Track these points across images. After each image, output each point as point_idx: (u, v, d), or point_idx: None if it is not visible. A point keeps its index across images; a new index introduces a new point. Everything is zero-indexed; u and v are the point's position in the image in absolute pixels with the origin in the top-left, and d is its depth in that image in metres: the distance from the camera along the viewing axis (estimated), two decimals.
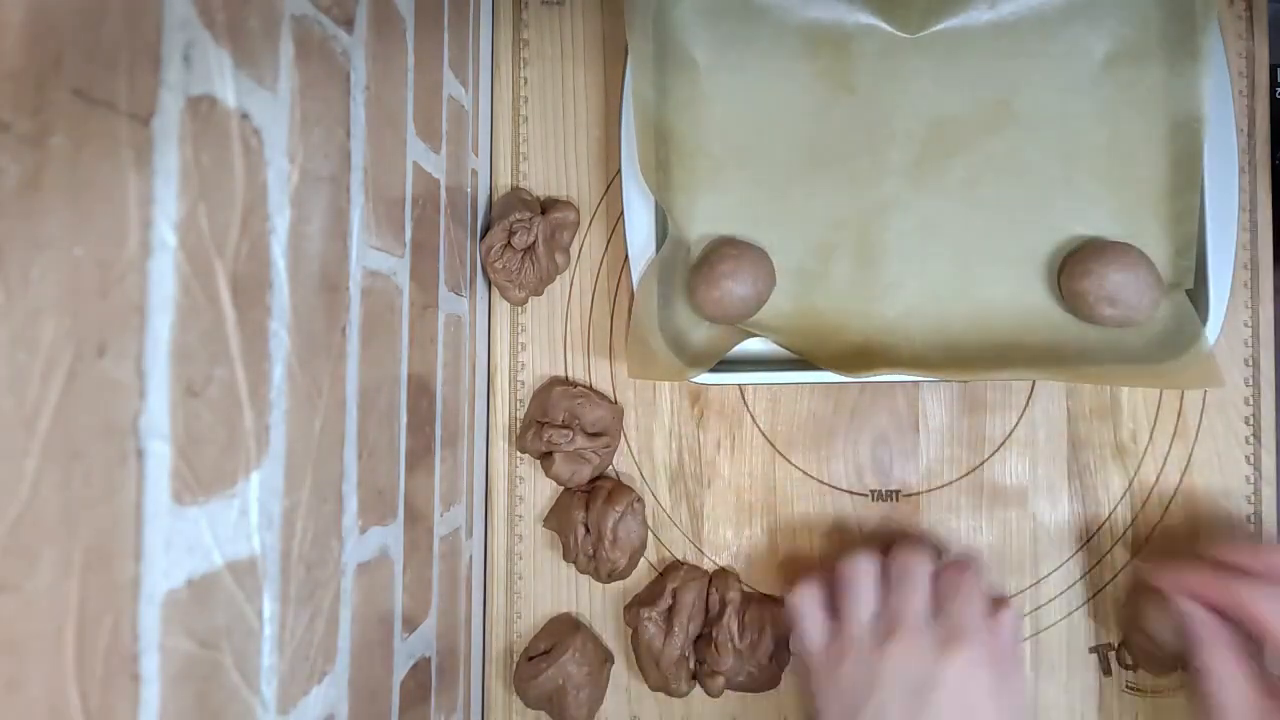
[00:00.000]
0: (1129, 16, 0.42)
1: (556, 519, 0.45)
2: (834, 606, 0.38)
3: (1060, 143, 0.42)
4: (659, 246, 0.42)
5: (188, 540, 0.19)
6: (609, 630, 0.45)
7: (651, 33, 0.42)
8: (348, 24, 0.27)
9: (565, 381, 0.46)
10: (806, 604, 0.39)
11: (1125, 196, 0.42)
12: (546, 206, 0.45)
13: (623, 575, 0.44)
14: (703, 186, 0.43)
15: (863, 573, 0.38)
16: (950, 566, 0.38)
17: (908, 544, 0.39)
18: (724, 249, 0.41)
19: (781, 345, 0.43)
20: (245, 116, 0.21)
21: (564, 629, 0.44)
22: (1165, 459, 0.44)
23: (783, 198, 0.43)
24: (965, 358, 0.41)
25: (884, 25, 0.43)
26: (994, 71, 0.43)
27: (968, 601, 0.36)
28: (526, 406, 0.46)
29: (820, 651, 0.38)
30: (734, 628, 0.42)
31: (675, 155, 0.43)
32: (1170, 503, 0.44)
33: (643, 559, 0.45)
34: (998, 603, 0.37)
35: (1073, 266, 0.41)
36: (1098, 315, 0.40)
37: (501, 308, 0.46)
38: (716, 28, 0.43)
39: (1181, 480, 0.44)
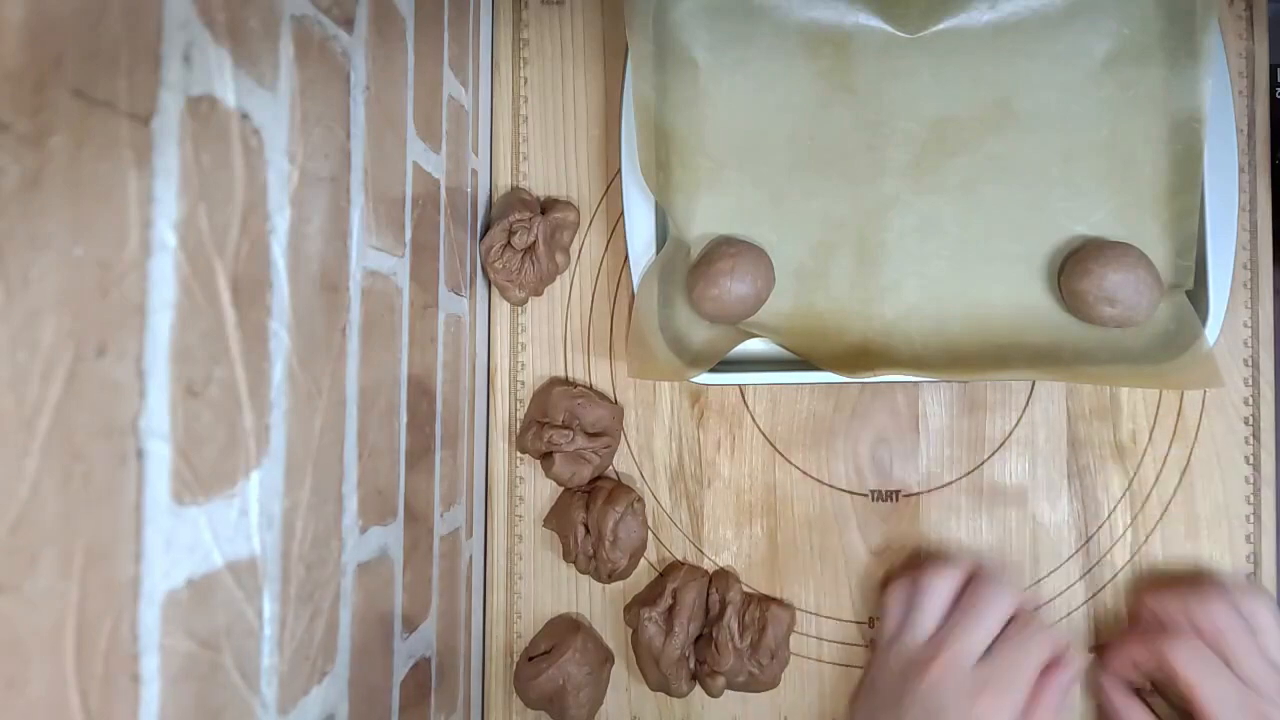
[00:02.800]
0: (1129, 16, 0.42)
1: (556, 519, 0.45)
2: (909, 607, 0.41)
3: (1060, 143, 0.42)
4: (659, 247, 0.42)
5: (188, 540, 0.19)
6: (609, 630, 0.45)
7: (651, 33, 0.42)
8: (348, 24, 0.27)
9: (565, 381, 0.46)
10: (894, 598, 0.42)
11: (1125, 196, 0.42)
12: (546, 206, 0.45)
13: (623, 575, 0.44)
14: (702, 186, 0.43)
15: (937, 591, 0.40)
16: (1023, 618, 0.39)
17: (992, 575, 0.40)
18: (723, 248, 0.41)
19: (781, 345, 0.43)
20: (245, 116, 0.21)
21: (564, 629, 0.44)
22: (1165, 459, 0.44)
23: (782, 198, 0.43)
24: (965, 358, 0.41)
25: (884, 25, 0.43)
26: (994, 71, 0.43)
27: (1019, 657, 0.38)
28: (526, 406, 0.46)
29: (885, 644, 0.41)
30: (734, 628, 0.42)
31: (675, 155, 0.43)
32: (1170, 503, 0.44)
33: (643, 559, 0.45)
34: (1054, 665, 0.38)
35: (1072, 266, 0.41)
36: (1097, 315, 0.40)
37: (501, 308, 0.46)
38: (716, 28, 0.43)
39: (1181, 480, 0.44)
